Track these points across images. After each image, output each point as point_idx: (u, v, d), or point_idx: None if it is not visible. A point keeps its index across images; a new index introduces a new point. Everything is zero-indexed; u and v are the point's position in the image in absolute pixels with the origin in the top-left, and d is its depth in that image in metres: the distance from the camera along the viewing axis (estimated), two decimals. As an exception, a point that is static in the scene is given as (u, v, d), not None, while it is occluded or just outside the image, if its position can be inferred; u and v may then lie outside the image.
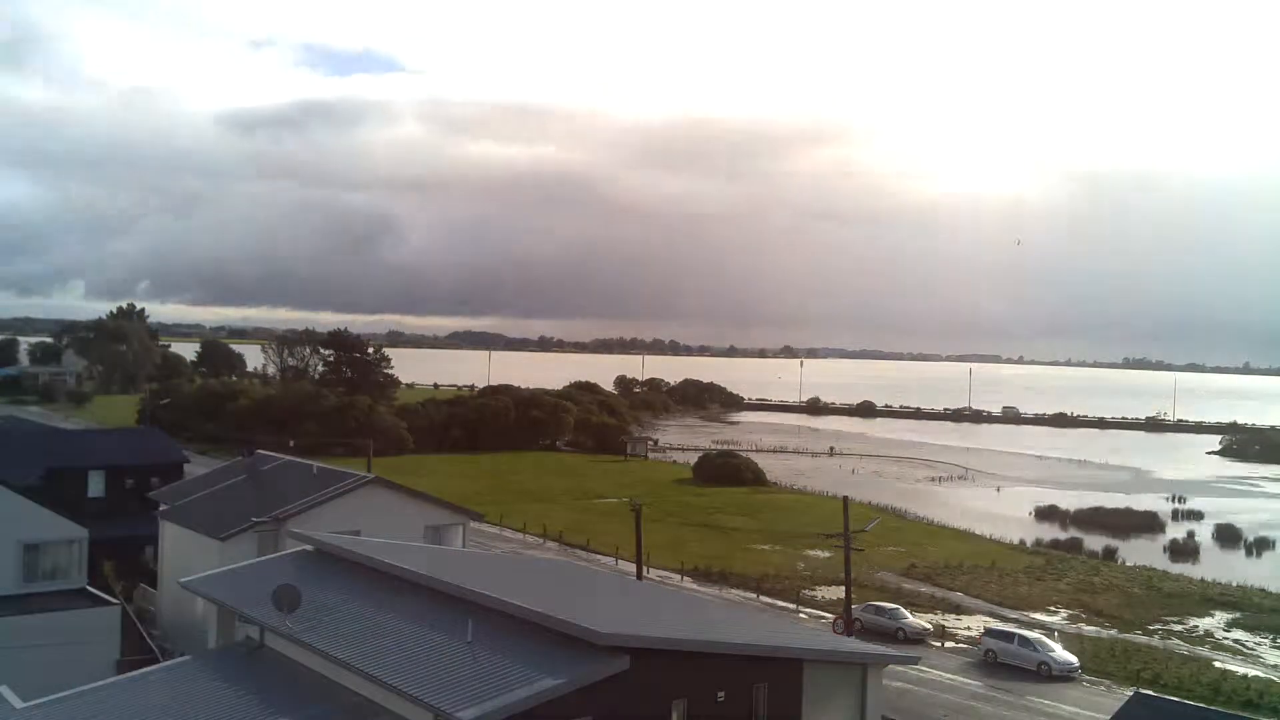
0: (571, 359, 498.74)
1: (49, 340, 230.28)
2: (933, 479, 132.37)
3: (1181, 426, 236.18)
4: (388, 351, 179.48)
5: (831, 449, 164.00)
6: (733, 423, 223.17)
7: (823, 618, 53.73)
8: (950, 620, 55.36)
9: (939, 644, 50.42)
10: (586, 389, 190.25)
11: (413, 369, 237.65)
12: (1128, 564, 77.14)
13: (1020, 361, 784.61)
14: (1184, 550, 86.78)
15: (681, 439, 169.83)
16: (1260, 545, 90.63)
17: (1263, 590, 69.14)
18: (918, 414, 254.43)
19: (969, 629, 53.46)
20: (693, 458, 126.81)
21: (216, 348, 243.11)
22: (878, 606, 53.03)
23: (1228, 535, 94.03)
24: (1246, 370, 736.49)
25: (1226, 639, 55.81)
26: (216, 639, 28.71)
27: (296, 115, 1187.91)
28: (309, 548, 31.36)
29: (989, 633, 49.18)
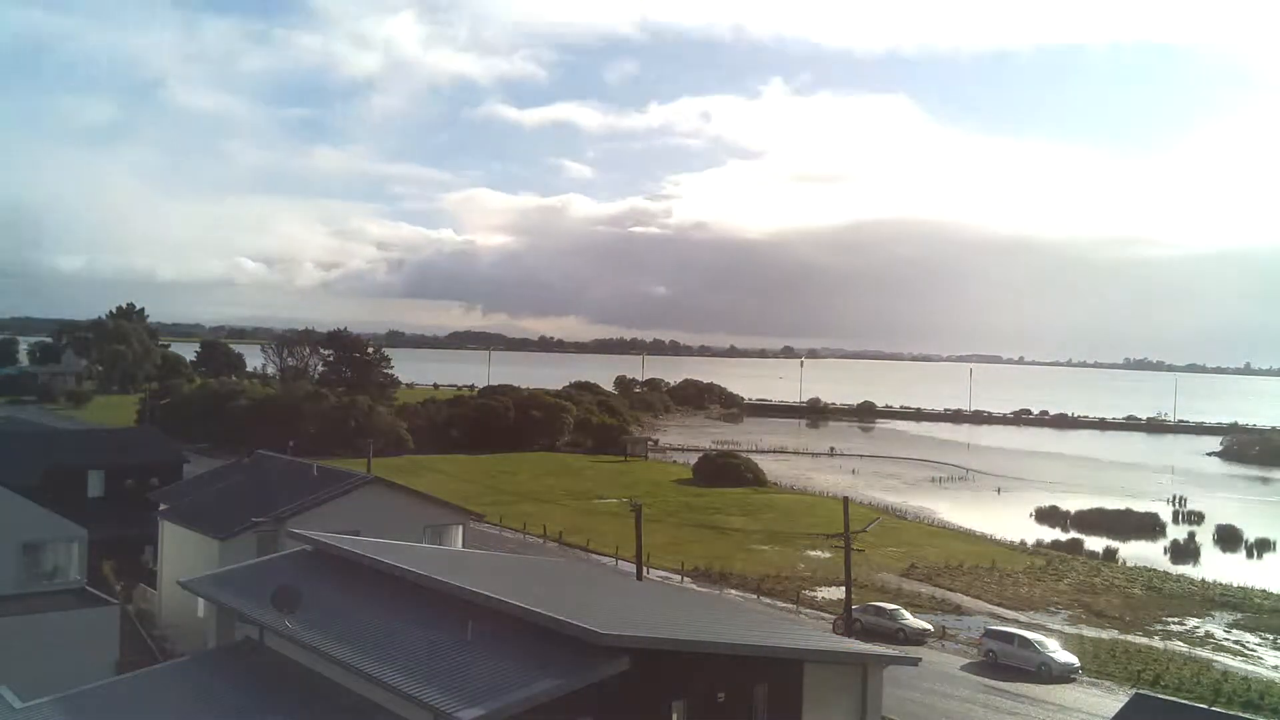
0: (571, 359, 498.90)
1: (49, 340, 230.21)
2: (933, 479, 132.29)
3: (1182, 427, 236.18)
4: (387, 351, 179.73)
5: (832, 449, 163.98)
6: (734, 422, 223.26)
7: (823, 618, 53.69)
8: (951, 620, 55.31)
9: (940, 644, 50.41)
10: (586, 389, 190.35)
11: (413, 369, 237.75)
12: (1128, 565, 77.11)
13: (1021, 362, 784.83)
14: (1185, 551, 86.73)
15: (681, 439, 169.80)
16: (1261, 546, 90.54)
17: (1264, 591, 69.11)
18: (918, 415, 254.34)
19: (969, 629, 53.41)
20: (693, 458, 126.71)
21: (216, 348, 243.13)
22: (878, 607, 52.94)
23: (1228, 536, 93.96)
24: (1248, 371, 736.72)
25: (1227, 640, 55.77)
26: (216, 639, 28.68)
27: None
28: (309, 548, 31.32)
29: (989, 633, 49.11)
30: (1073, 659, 46.32)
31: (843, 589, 51.40)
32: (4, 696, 24.18)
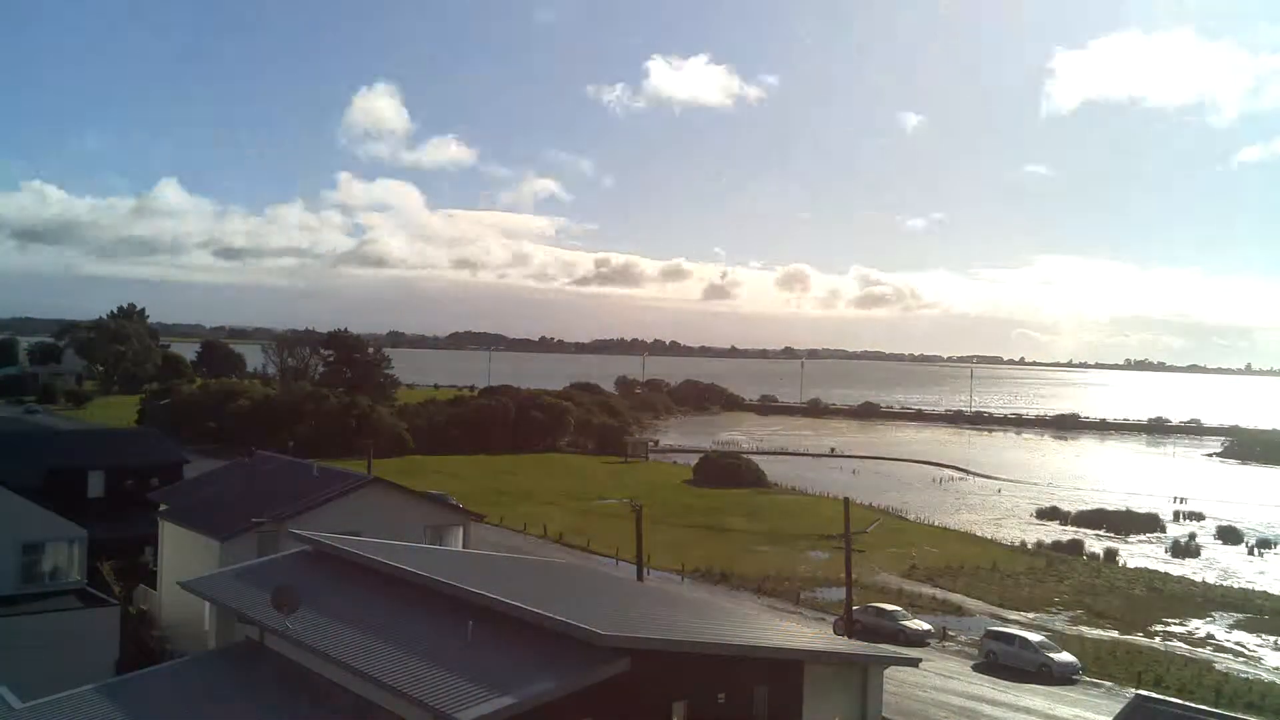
0: (572, 359, 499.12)
1: (49, 340, 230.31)
2: (933, 480, 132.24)
3: (1183, 429, 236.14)
4: (387, 351, 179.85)
5: (833, 450, 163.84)
6: (734, 422, 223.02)
7: (823, 619, 53.64)
8: (952, 619, 55.21)
9: (940, 645, 50.36)
10: (587, 389, 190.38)
11: (413, 369, 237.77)
12: (1129, 566, 77.04)
13: (1021, 364, 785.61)
14: (1185, 552, 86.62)
15: (682, 440, 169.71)
16: (1262, 547, 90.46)
17: (1264, 593, 69.05)
18: (919, 415, 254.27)
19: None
20: (693, 459, 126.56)
21: (216, 348, 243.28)
22: (878, 608, 52.87)
23: (1229, 537, 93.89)
24: (1248, 372, 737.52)
25: (1228, 641, 55.74)
26: (216, 639, 28.67)
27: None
28: (309, 548, 31.31)
29: (990, 634, 49.08)
30: (1073, 660, 46.30)
31: (843, 590, 51.38)
32: (4, 697, 24.16)
